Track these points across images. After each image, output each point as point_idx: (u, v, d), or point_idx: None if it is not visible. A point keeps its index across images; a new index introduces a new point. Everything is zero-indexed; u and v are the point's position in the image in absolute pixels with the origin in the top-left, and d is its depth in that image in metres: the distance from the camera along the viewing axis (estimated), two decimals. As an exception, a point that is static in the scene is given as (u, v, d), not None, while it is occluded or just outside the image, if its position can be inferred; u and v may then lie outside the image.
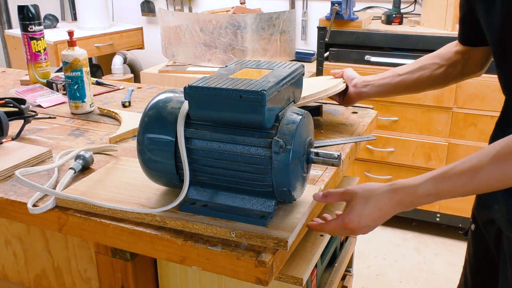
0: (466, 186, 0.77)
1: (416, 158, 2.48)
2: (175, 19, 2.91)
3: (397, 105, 2.46)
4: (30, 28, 1.63)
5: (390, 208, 0.82)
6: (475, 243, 1.11)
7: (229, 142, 0.81)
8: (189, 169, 0.84)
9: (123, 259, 0.99)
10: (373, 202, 0.82)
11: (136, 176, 0.99)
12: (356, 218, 0.82)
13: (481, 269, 1.09)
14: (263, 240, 0.79)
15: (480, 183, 0.77)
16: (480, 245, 1.08)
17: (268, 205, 0.84)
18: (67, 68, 1.40)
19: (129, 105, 1.51)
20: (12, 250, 1.19)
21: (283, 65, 0.89)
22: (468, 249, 1.14)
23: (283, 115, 0.82)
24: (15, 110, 1.32)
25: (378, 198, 0.82)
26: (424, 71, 1.16)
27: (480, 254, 1.09)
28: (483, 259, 1.08)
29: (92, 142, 1.23)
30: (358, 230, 0.83)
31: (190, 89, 0.79)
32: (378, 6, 2.94)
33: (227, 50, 2.81)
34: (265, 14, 2.83)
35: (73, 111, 1.44)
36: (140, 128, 0.86)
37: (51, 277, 1.16)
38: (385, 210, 0.82)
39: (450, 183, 0.78)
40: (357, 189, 0.84)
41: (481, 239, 1.06)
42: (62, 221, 0.92)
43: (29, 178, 0.99)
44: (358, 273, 2.32)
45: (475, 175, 0.76)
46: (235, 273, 0.79)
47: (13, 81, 1.81)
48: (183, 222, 0.84)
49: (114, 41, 3.19)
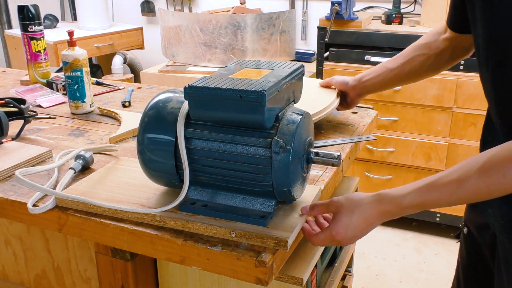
0: (451, 197, 0.77)
1: (416, 158, 2.48)
2: (175, 19, 2.91)
3: (397, 105, 2.46)
4: (30, 28, 1.63)
5: (376, 218, 0.81)
6: (467, 247, 1.10)
7: (229, 142, 0.81)
8: (189, 169, 0.84)
9: (123, 259, 0.99)
10: (358, 212, 0.81)
11: (136, 176, 0.99)
12: (343, 230, 0.81)
13: (475, 273, 1.08)
14: (263, 240, 0.79)
15: (466, 194, 0.77)
16: (473, 249, 1.07)
17: (268, 205, 0.84)
18: (67, 68, 1.40)
19: (129, 105, 1.51)
20: (12, 250, 1.19)
21: (283, 65, 0.89)
22: (461, 252, 1.14)
23: (283, 115, 0.82)
24: (15, 110, 1.32)
25: (363, 208, 0.81)
26: (414, 63, 1.15)
27: (473, 258, 1.08)
28: (476, 263, 1.07)
29: (92, 142, 1.23)
30: (345, 241, 0.83)
31: (190, 89, 0.79)
32: (378, 6, 2.94)
33: (227, 50, 2.81)
34: (265, 14, 2.83)
35: (73, 111, 1.44)
36: (140, 128, 0.86)
37: (51, 277, 1.16)
38: (371, 221, 0.81)
39: (435, 194, 0.78)
40: (342, 200, 0.83)
41: (474, 243, 1.05)
42: (62, 221, 0.92)
43: (29, 178, 0.99)
44: (358, 273, 2.32)
45: (460, 186, 0.76)
46: (235, 273, 0.79)
47: (13, 81, 1.81)
48: (183, 222, 0.84)
49: (114, 41, 3.19)
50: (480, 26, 0.87)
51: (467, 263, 1.11)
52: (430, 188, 0.78)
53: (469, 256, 1.10)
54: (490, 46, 0.86)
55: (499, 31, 0.83)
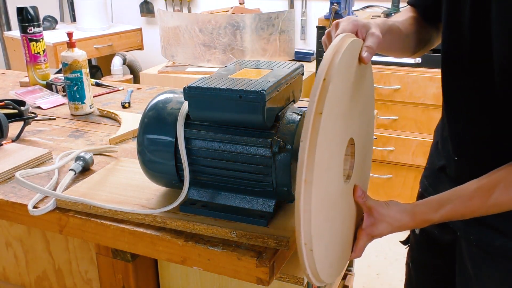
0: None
1: (416, 157, 2.48)
2: (174, 20, 2.91)
3: (396, 104, 2.46)
4: (29, 29, 1.63)
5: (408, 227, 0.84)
6: (420, 247, 1.12)
7: (229, 142, 0.81)
8: (189, 169, 0.84)
9: (124, 260, 0.99)
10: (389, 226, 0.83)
11: (136, 177, 0.99)
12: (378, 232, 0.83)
13: (432, 272, 1.10)
14: (264, 240, 0.79)
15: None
16: (426, 248, 1.09)
17: (269, 205, 0.84)
18: (66, 69, 1.40)
19: (129, 106, 1.51)
20: (13, 252, 1.19)
21: (283, 65, 0.89)
22: (411, 255, 1.15)
23: (283, 114, 0.82)
24: (15, 112, 1.32)
25: (396, 225, 0.83)
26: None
27: (427, 257, 1.10)
28: (431, 262, 1.09)
29: (92, 143, 1.23)
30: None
31: (190, 89, 0.79)
32: (377, 5, 2.94)
33: (226, 50, 2.81)
34: (264, 14, 2.83)
35: (73, 113, 1.44)
36: (140, 129, 0.86)
37: (52, 278, 1.16)
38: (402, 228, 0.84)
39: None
40: (380, 211, 0.83)
41: (429, 241, 1.06)
42: (62, 222, 0.92)
43: (29, 179, 0.99)
44: (359, 272, 2.32)
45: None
46: (236, 273, 0.79)
47: (12, 83, 1.81)
48: (183, 223, 0.84)
49: (114, 42, 3.19)
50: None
51: (420, 266, 1.13)
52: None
53: (421, 257, 1.12)
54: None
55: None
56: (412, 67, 2.39)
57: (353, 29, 0.79)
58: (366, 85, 0.86)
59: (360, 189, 0.83)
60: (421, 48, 1.03)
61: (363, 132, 0.87)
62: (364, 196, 0.82)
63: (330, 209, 0.73)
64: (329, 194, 0.72)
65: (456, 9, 0.84)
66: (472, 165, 0.84)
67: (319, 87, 0.65)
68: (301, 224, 0.65)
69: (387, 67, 2.43)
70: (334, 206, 0.75)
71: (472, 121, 0.88)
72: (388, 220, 0.80)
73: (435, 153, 1.07)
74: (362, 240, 0.82)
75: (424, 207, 0.82)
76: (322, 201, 0.69)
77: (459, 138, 0.92)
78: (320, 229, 0.69)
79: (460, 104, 0.89)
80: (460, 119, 0.91)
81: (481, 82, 0.83)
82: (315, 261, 0.68)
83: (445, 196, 0.82)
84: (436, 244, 1.04)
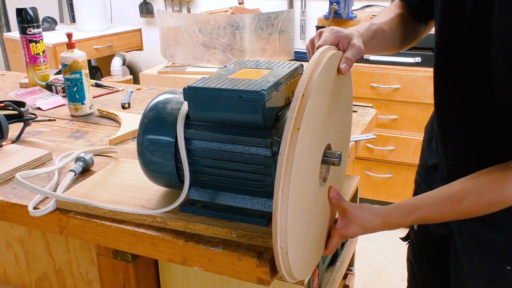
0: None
1: (416, 156, 2.48)
2: (173, 20, 2.91)
3: (396, 104, 2.46)
4: (28, 30, 1.63)
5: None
6: (419, 243, 1.13)
7: (229, 142, 0.81)
8: (189, 170, 0.84)
9: (124, 260, 0.99)
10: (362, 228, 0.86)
11: (136, 178, 0.99)
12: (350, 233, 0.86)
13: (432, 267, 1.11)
14: (264, 240, 0.79)
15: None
16: (425, 243, 1.10)
17: (269, 205, 0.84)
18: (66, 70, 1.40)
19: (129, 106, 1.51)
20: (13, 253, 1.19)
21: (282, 64, 0.89)
22: (413, 251, 1.16)
23: (283, 114, 0.82)
24: (15, 113, 1.32)
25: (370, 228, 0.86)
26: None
27: (426, 253, 1.12)
28: (430, 257, 1.10)
29: (92, 144, 1.23)
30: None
31: (190, 89, 0.79)
32: (377, 4, 2.94)
33: (226, 50, 2.81)
34: (264, 14, 2.83)
35: (73, 113, 1.44)
36: (140, 130, 0.86)
37: (53, 279, 1.16)
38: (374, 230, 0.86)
39: None
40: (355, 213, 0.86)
41: (426, 236, 1.08)
42: (63, 223, 0.92)
43: (29, 180, 0.99)
44: (360, 271, 2.32)
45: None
46: (237, 273, 0.79)
47: (12, 84, 1.81)
48: (184, 223, 0.84)
49: (113, 42, 3.19)
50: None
51: (421, 261, 1.14)
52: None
53: (421, 252, 1.13)
54: None
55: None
56: (412, 66, 2.39)
57: (335, 40, 0.82)
58: (345, 90, 0.89)
59: (334, 190, 0.86)
60: (408, 43, 1.06)
61: (339, 135, 0.90)
62: (338, 198, 0.86)
63: (305, 214, 0.76)
64: (305, 201, 0.75)
65: (453, 8, 0.83)
66: (464, 169, 0.85)
67: (297, 103, 0.69)
68: (278, 231, 0.68)
69: (387, 66, 2.43)
70: (309, 210, 0.77)
71: (463, 128, 0.89)
72: (361, 222, 0.84)
73: (427, 150, 1.08)
74: (335, 240, 0.86)
75: (396, 212, 0.84)
76: (298, 208, 0.72)
77: (450, 145, 0.93)
78: (296, 234, 0.72)
79: (452, 111, 0.90)
80: (451, 126, 0.92)
81: (474, 89, 0.84)
82: (289, 263, 0.72)
83: (417, 201, 0.85)
84: (433, 238, 1.06)
